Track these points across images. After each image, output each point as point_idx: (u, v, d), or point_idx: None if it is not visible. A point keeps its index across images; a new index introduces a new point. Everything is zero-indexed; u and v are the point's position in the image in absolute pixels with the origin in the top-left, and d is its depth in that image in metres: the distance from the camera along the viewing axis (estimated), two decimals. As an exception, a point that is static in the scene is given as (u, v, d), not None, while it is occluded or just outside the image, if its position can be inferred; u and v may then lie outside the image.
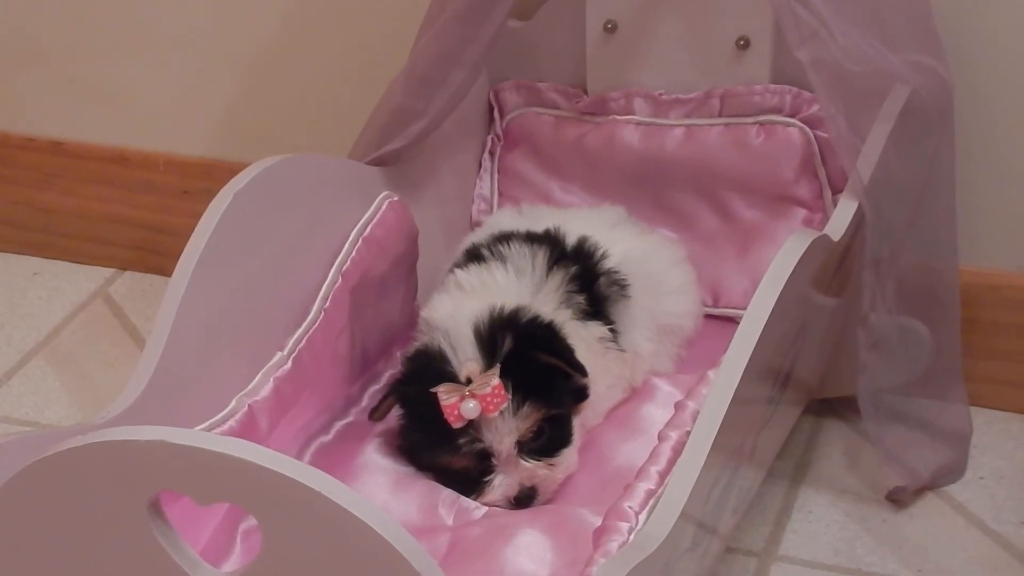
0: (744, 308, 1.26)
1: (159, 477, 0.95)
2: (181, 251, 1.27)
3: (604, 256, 1.46)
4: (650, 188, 1.63)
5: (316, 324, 1.39)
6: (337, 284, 1.42)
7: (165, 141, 1.83)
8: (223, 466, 0.93)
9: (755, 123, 1.60)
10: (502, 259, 1.43)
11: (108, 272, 1.89)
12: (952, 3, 1.54)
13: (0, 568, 1.02)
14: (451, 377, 1.33)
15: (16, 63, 1.85)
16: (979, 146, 1.59)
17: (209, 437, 0.96)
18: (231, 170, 1.34)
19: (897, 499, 1.55)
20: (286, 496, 0.93)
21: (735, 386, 1.18)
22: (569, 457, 1.39)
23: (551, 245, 1.45)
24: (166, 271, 1.28)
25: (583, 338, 1.40)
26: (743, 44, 1.59)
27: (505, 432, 1.34)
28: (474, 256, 1.46)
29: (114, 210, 1.87)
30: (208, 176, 1.32)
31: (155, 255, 1.79)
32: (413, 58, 1.51)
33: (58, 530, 0.99)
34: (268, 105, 1.79)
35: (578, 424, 1.40)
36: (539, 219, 1.51)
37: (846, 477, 1.59)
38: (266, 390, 1.33)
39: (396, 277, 1.50)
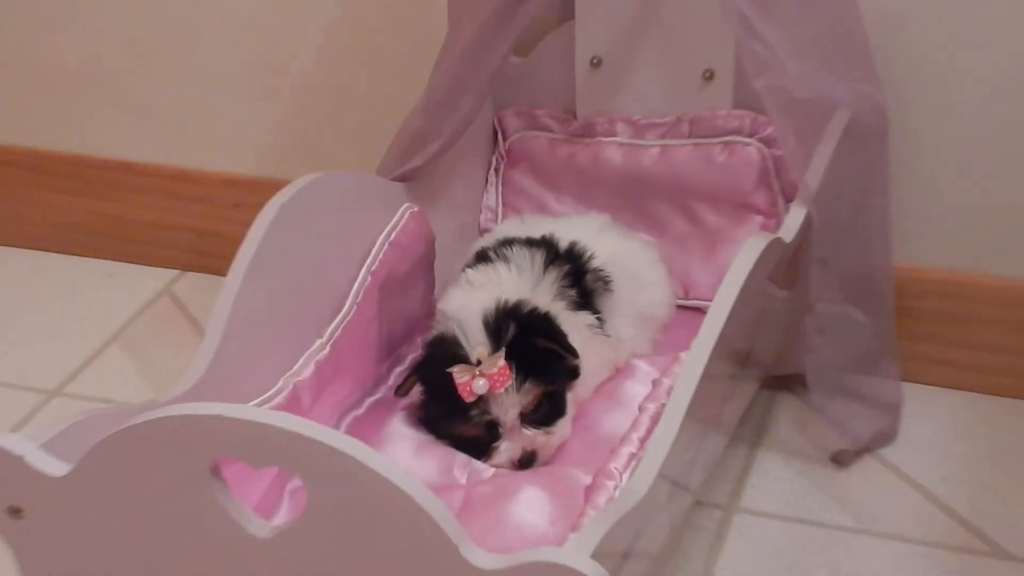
0: (710, 300, 1.26)
1: (217, 446, 0.96)
2: (234, 255, 1.28)
3: (592, 256, 1.46)
4: (630, 199, 1.63)
5: (350, 315, 1.40)
6: (367, 282, 1.42)
7: (219, 161, 1.83)
8: (273, 436, 0.94)
9: (719, 143, 1.59)
10: (506, 260, 1.43)
11: (172, 273, 1.89)
12: (886, 38, 1.54)
13: (85, 524, 1.02)
14: (464, 359, 1.34)
15: (91, 95, 1.85)
16: (909, 161, 1.58)
17: (260, 411, 0.97)
18: (276, 185, 1.34)
19: (840, 460, 1.55)
20: (326, 460, 0.93)
21: (703, 365, 1.19)
22: (564, 426, 1.39)
23: (547, 248, 1.45)
24: (221, 272, 1.27)
25: (574, 325, 1.40)
26: (708, 76, 1.59)
27: (509, 405, 1.35)
28: (482, 257, 1.46)
29: (176, 220, 1.87)
30: (256, 191, 1.31)
31: (212, 258, 1.78)
32: (429, 89, 1.50)
33: (132, 490, 1.00)
34: (307, 129, 1.79)
35: (571, 398, 1.40)
36: (537, 226, 1.51)
37: (797, 441, 1.59)
38: (308, 371, 1.34)
39: (416, 275, 1.50)
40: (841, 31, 1.49)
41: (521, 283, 1.41)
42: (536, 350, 1.35)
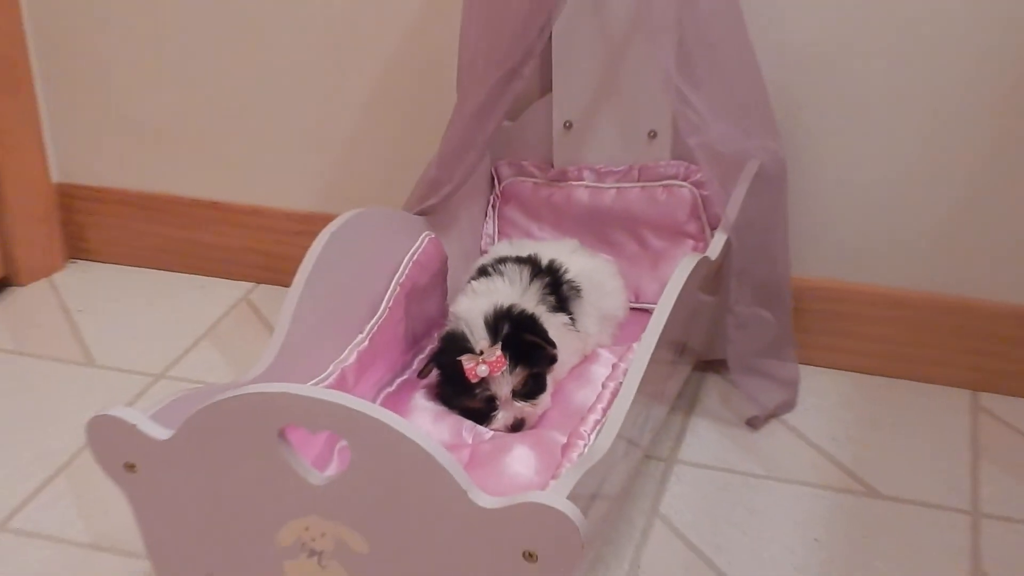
0: (655, 303, 1.26)
1: (284, 416, 0.96)
2: (296, 272, 1.28)
3: (566, 271, 1.46)
4: (594, 228, 1.62)
5: (383, 316, 1.40)
6: (396, 291, 1.42)
7: (283, 200, 1.82)
8: (326, 408, 0.94)
9: (661, 185, 1.59)
10: (501, 274, 1.43)
11: (249, 285, 1.88)
12: (785, 105, 1.53)
13: (183, 476, 1.02)
14: (470, 350, 1.34)
15: (183, 148, 1.84)
16: (805, 198, 1.59)
17: (316, 389, 0.97)
18: (327, 219, 1.34)
19: (753, 424, 1.55)
20: (366, 425, 0.93)
21: (650, 353, 1.19)
22: (545, 400, 1.38)
23: (532, 265, 1.44)
24: (286, 284, 1.27)
25: (553, 324, 1.40)
26: (653, 135, 1.58)
27: (504, 384, 1.35)
28: (483, 272, 1.46)
29: (252, 245, 1.86)
30: (312, 222, 1.31)
31: (279, 274, 1.77)
32: (442, 146, 1.50)
33: (219, 450, 1.00)
34: (350, 175, 1.79)
35: (550, 379, 1.39)
36: (524, 248, 1.50)
37: (720, 410, 1.58)
38: (352, 359, 1.34)
39: (434, 286, 1.50)
40: (751, 101, 1.50)
41: (513, 292, 1.40)
42: (524, 343, 1.35)
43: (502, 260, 1.46)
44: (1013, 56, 1.47)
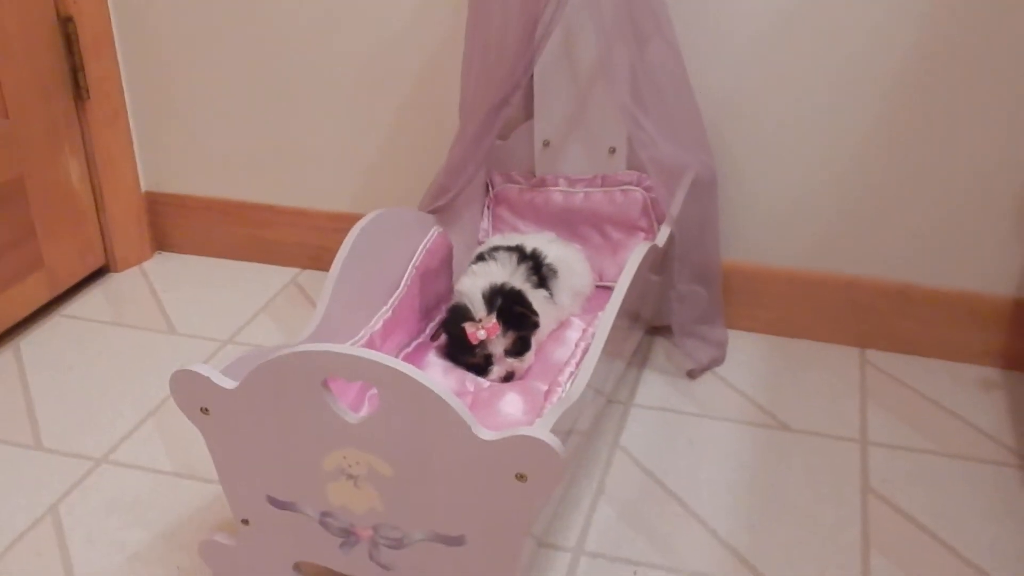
0: (615, 282, 1.25)
1: (326, 369, 0.94)
2: (333, 259, 1.26)
3: (545, 256, 1.45)
4: (567, 223, 1.61)
5: (403, 293, 1.38)
6: (413, 273, 1.40)
7: (324, 203, 1.80)
8: (359, 362, 0.93)
9: (619, 190, 1.57)
10: (494, 259, 1.42)
11: (296, 271, 1.86)
12: (716, 128, 1.52)
13: (247, 419, 1.00)
14: (471, 318, 1.33)
15: (241, 161, 1.83)
16: (732, 199, 1.57)
17: (351, 348, 0.95)
18: (358, 217, 1.32)
19: (692, 375, 1.54)
20: (392, 376, 0.92)
21: (612, 321, 1.18)
22: (530, 357, 1.37)
23: (519, 252, 1.43)
24: (326, 269, 1.25)
25: (536, 298, 1.39)
26: (612, 151, 1.57)
27: (498, 345, 1.33)
28: (480, 258, 1.44)
29: (299, 239, 1.84)
30: (347, 220, 1.30)
31: (320, 262, 1.77)
32: (448, 159, 1.49)
33: (276, 397, 0.98)
34: (377, 182, 1.76)
35: (534, 341, 1.38)
36: (512, 239, 1.49)
37: (666, 365, 1.57)
38: (378, 326, 1.32)
39: (442, 269, 1.48)
40: (688, 125, 1.48)
41: (504, 273, 1.39)
42: (514, 312, 1.34)
43: (495, 248, 1.45)
44: (894, 98, 1.46)
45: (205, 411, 1.01)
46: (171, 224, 1.91)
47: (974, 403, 1.48)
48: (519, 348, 1.35)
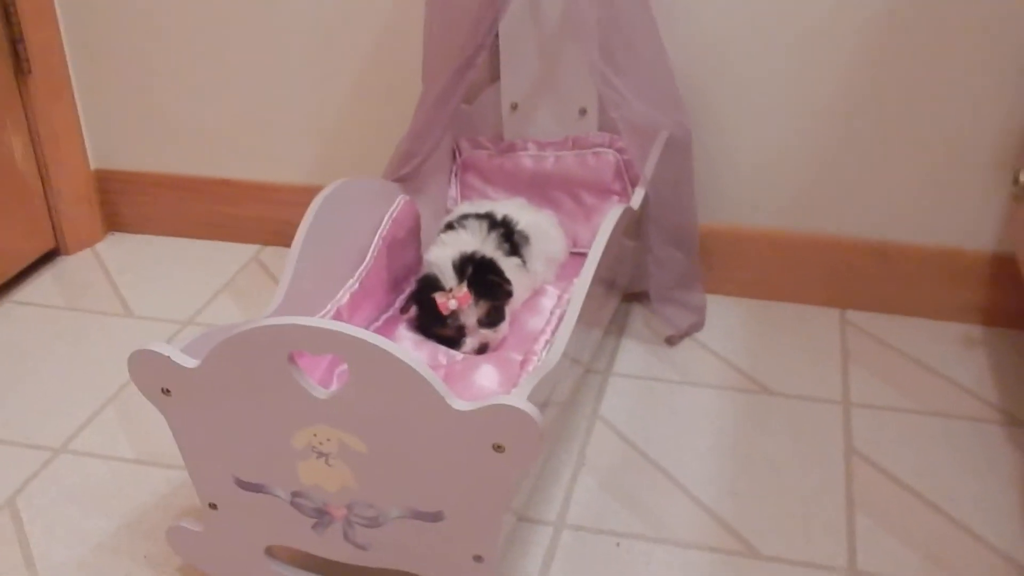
0: (589, 248, 1.23)
1: (291, 342, 0.93)
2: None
3: (517, 223, 1.43)
4: (538, 189, 1.59)
5: (370, 264, 1.36)
6: (379, 244, 1.38)
7: (285, 176, 1.78)
8: (326, 334, 0.91)
9: (591, 153, 1.56)
10: (464, 227, 1.40)
11: (258, 247, 1.84)
12: (691, 85, 1.51)
13: (210, 398, 0.99)
14: (441, 288, 1.31)
15: (205, 142, 1.79)
16: (710, 159, 1.57)
17: (319, 320, 0.94)
18: (320, 189, 1.30)
19: (670, 341, 1.53)
20: (360, 347, 0.90)
21: (587, 287, 1.17)
22: (504, 327, 1.36)
23: (489, 219, 1.41)
24: (289, 245, 1.23)
25: (508, 266, 1.37)
26: (583, 112, 1.55)
27: (471, 316, 1.32)
28: (449, 227, 1.42)
29: (259, 214, 1.81)
30: (309, 193, 1.28)
31: (283, 237, 1.73)
32: (412, 125, 1.47)
33: (240, 374, 0.97)
34: (339, 152, 1.74)
35: (508, 310, 1.37)
36: (482, 206, 1.47)
37: (644, 332, 1.57)
38: (345, 299, 1.30)
39: (409, 239, 1.46)
40: (661, 83, 1.47)
41: (474, 241, 1.38)
42: (486, 281, 1.32)
43: (465, 216, 1.43)
44: (871, 53, 1.45)
45: (166, 392, 0.99)
46: (124, 203, 1.87)
47: (956, 361, 1.49)
48: (492, 318, 1.34)
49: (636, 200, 1.40)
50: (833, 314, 1.60)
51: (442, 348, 1.34)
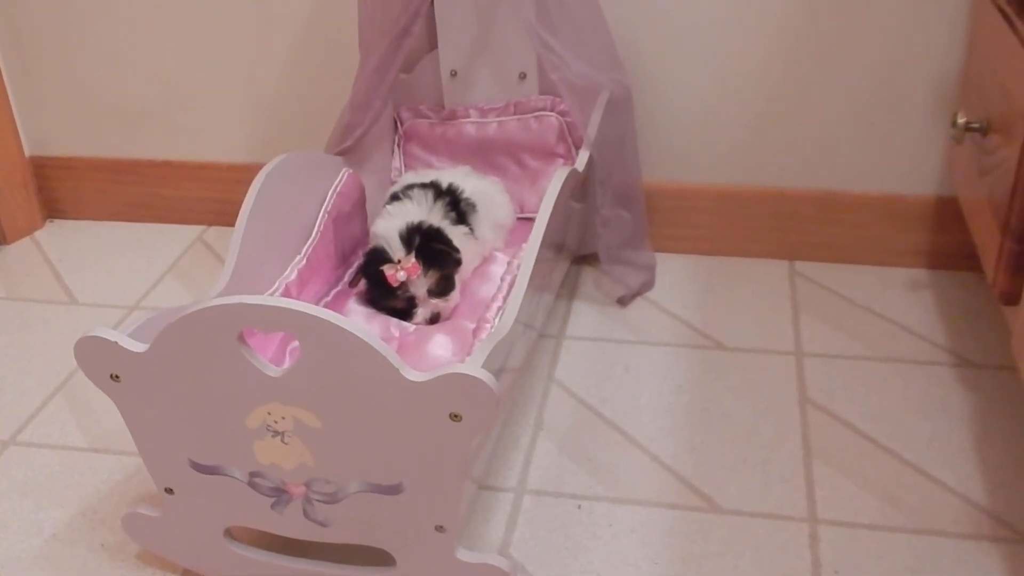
0: (536, 213, 1.23)
1: (240, 321, 0.92)
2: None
3: (462, 191, 1.42)
4: (482, 156, 1.58)
5: (316, 239, 1.34)
6: (325, 218, 1.36)
7: (226, 155, 1.75)
8: (275, 312, 0.90)
9: (533, 117, 1.55)
10: (410, 198, 1.38)
11: (202, 228, 1.81)
12: (630, 44, 1.50)
13: (161, 382, 0.97)
14: (390, 260, 1.30)
15: (141, 121, 1.76)
16: (652, 117, 1.57)
17: (267, 298, 0.92)
18: (261, 166, 1.28)
19: (622, 302, 1.54)
20: (310, 323, 0.89)
21: (536, 252, 1.16)
22: (455, 296, 1.35)
23: (434, 188, 1.40)
24: (233, 224, 1.21)
25: (455, 234, 1.36)
26: (523, 76, 1.54)
27: (421, 286, 1.31)
28: (395, 197, 1.41)
29: (204, 194, 1.79)
30: (251, 171, 1.26)
31: (226, 216, 1.67)
32: (352, 96, 1.45)
33: (189, 356, 0.95)
34: (278, 129, 1.72)
35: (458, 279, 1.36)
36: (426, 176, 1.45)
37: (595, 293, 1.57)
38: (293, 275, 1.29)
39: (355, 213, 1.45)
40: (599, 43, 1.47)
41: (420, 211, 1.36)
42: (434, 251, 1.31)
43: (410, 187, 1.41)
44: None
45: (115, 378, 0.98)
46: (61, 189, 1.83)
47: (904, 305, 1.51)
48: (442, 287, 1.33)
49: (581, 162, 1.40)
50: (782, 266, 1.61)
51: (394, 320, 1.33)
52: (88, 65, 1.72)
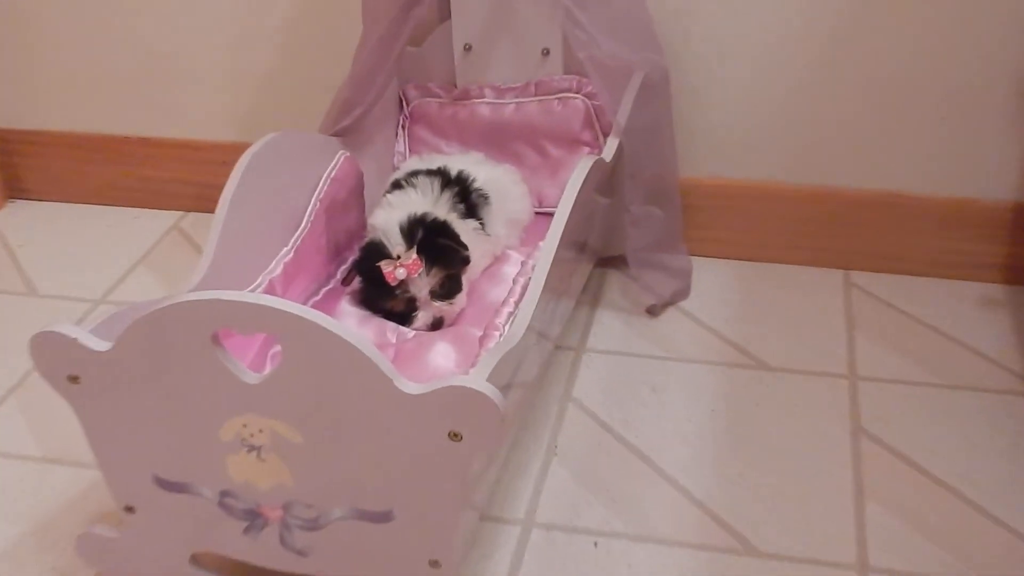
0: (555, 208, 1.23)
1: (216, 320, 0.92)
2: (223, 198, 1.23)
3: (473, 180, 1.42)
4: (497, 141, 1.58)
5: (306, 230, 1.34)
6: (316, 207, 1.36)
7: (209, 133, 1.76)
8: (254, 310, 0.91)
9: (556, 99, 1.55)
10: (413, 186, 1.39)
11: (180, 214, 1.82)
12: (667, 21, 1.51)
13: (124, 385, 0.98)
14: (388, 256, 1.30)
15: (117, 94, 1.77)
16: (691, 105, 1.57)
17: (247, 294, 0.93)
18: (248, 147, 1.28)
19: (652, 312, 1.54)
20: (294, 324, 0.90)
21: (554, 251, 1.16)
22: (461, 299, 1.35)
23: (442, 176, 1.40)
24: (214, 210, 1.22)
25: (464, 229, 1.36)
26: (546, 52, 1.54)
27: (422, 286, 1.31)
28: (397, 185, 1.41)
29: (183, 176, 1.79)
30: (237, 151, 1.27)
31: (207, 201, 1.66)
32: (352, 71, 1.45)
33: (157, 357, 0.96)
34: (267, 106, 1.73)
35: (465, 279, 1.36)
36: (433, 162, 1.46)
37: (621, 301, 1.57)
38: (279, 270, 1.29)
39: (351, 201, 1.45)
40: (633, 18, 1.46)
41: (425, 201, 1.36)
42: (438, 246, 1.31)
43: (414, 174, 1.42)
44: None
45: (74, 380, 0.98)
46: (26, 166, 1.85)
47: (975, 325, 1.49)
48: (447, 289, 1.33)
49: (609, 151, 1.39)
50: (836, 276, 1.60)
51: (390, 324, 1.33)
52: (63, 29, 1.73)
